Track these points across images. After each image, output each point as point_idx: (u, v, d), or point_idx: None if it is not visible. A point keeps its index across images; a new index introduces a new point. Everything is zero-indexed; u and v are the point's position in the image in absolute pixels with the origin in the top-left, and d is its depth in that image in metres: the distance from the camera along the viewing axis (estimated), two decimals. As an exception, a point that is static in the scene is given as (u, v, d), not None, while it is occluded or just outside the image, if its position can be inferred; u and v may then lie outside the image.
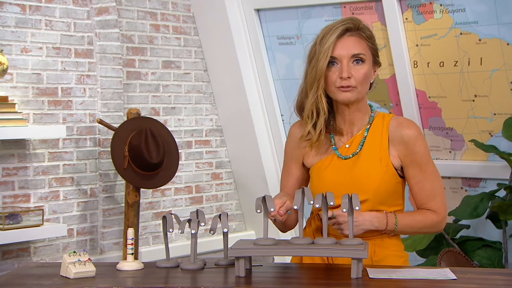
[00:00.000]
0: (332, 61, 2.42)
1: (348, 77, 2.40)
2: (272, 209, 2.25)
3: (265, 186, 4.41)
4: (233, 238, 3.57)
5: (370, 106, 2.53)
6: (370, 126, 2.48)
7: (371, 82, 2.48)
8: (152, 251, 4.03)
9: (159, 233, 4.16)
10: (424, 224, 2.42)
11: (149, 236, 4.12)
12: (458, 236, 3.66)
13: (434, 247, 3.58)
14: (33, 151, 3.64)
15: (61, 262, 2.32)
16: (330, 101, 2.48)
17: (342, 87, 2.41)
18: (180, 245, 4.06)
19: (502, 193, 3.58)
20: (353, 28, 2.44)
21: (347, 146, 2.47)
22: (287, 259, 3.84)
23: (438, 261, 3.32)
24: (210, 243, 4.04)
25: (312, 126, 2.46)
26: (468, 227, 3.69)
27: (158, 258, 3.88)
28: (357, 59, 2.42)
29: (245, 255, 2.22)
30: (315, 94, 2.43)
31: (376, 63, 2.48)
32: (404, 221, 2.41)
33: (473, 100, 3.74)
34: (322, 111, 2.44)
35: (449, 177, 3.89)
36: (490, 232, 3.73)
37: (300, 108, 2.52)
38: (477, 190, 3.81)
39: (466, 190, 3.86)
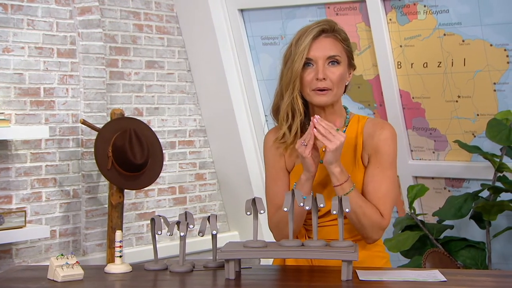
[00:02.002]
0: (307, 63, 2.41)
1: (324, 78, 2.39)
2: (262, 211, 2.24)
3: (248, 186, 4.40)
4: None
5: (345, 108, 2.52)
6: (346, 129, 2.48)
7: (346, 84, 2.47)
8: (135, 252, 4.01)
9: (143, 234, 4.14)
10: (370, 215, 2.36)
11: (133, 237, 4.09)
12: (442, 236, 3.68)
13: (418, 247, 3.59)
14: (15, 151, 3.61)
15: (47, 265, 2.29)
16: (306, 104, 2.47)
17: (318, 89, 2.40)
18: (163, 246, 4.03)
19: (485, 193, 3.60)
20: (329, 29, 2.44)
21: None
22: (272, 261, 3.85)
23: (423, 261, 3.33)
24: (196, 243, 4.01)
25: (288, 128, 2.45)
26: (451, 227, 3.71)
27: (142, 259, 3.88)
28: (333, 60, 2.41)
29: (236, 258, 2.21)
30: (290, 96, 2.41)
31: (351, 65, 2.48)
32: (357, 196, 2.36)
33: (457, 101, 3.76)
34: (298, 113, 2.43)
35: (432, 178, 3.91)
36: (473, 232, 3.75)
37: (276, 111, 2.51)
38: (460, 190, 3.83)
39: (449, 191, 3.88)
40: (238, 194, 4.46)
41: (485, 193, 3.60)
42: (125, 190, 3.82)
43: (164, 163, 4.05)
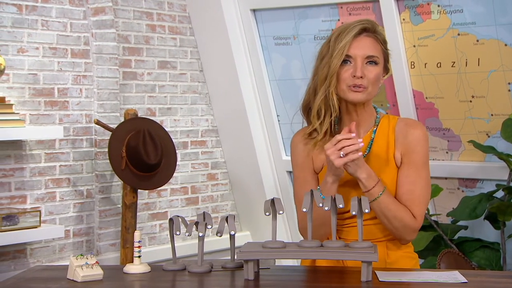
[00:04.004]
0: (346, 60, 2.40)
1: (361, 77, 2.38)
2: (281, 211, 2.24)
3: (260, 186, 4.41)
4: (227, 238, 3.54)
5: (375, 107, 2.52)
6: (376, 128, 2.47)
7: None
8: (148, 252, 4.00)
9: (155, 234, 4.15)
10: (401, 218, 2.36)
11: (145, 237, 4.10)
12: (456, 237, 3.67)
13: (433, 248, 3.59)
14: (30, 152, 3.62)
15: (67, 265, 2.30)
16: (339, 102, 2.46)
17: (354, 86, 2.39)
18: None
19: (499, 193, 3.59)
20: (371, 29, 2.43)
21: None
22: (290, 262, 3.85)
23: (437, 262, 3.33)
24: (210, 243, 4.00)
25: (319, 125, 2.44)
26: (466, 228, 3.70)
27: (155, 259, 3.89)
28: (371, 60, 2.40)
29: (255, 258, 2.21)
30: (325, 91, 2.40)
31: (386, 68, 2.48)
32: (387, 199, 2.35)
33: (470, 101, 3.75)
34: (332, 108, 2.40)
35: (445, 178, 3.90)
36: (487, 232, 3.74)
37: (305, 108, 2.49)
38: (474, 191, 3.82)
39: (462, 191, 3.88)
40: (250, 194, 4.47)
41: (499, 194, 3.59)
42: (138, 190, 3.82)
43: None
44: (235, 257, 2.37)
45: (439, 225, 3.65)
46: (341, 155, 2.31)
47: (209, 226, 2.35)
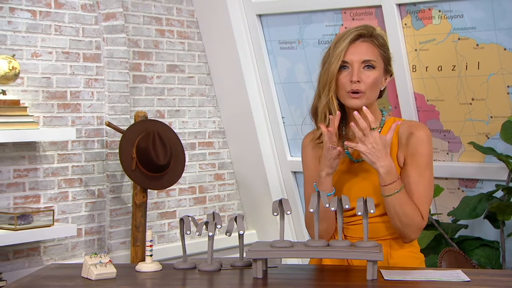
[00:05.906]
0: (343, 65, 2.47)
1: (358, 81, 2.45)
2: (288, 212, 2.31)
3: (266, 186, 4.49)
4: (234, 237, 3.61)
5: (381, 111, 2.58)
6: (381, 130, 2.53)
7: (382, 89, 2.54)
8: (157, 250, 4.06)
9: (164, 233, 4.25)
10: (412, 216, 2.42)
11: (155, 235, 4.18)
12: (456, 235, 3.75)
13: (434, 246, 3.66)
14: (43, 153, 3.71)
15: (81, 263, 2.37)
16: (343, 107, 2.53)
17: (352, 92, 2.46)
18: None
19: (499, 193, 3.66)
20: (366, 34, 2.50)
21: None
22: (295, 260, 3.93)
23: (438, 260, 3.39)
24: (217, 241, 4.09)
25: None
26: (466, 226, 3.77)
27: (163, 257, 3.97)
28: (368, 65, 2.47)
29: (264, 257, 2.28)
30: (327, 97, 2.48)
31: (387, 71, 2.54)
32: (402, 196, 2.41)
33: (471, 104, 3.82)
34: (334, 113, 2.48)
35: (446, 178, 3.97)
36: (486, 231, 3.81)
37: (314, 113, 2.56)
38: (474, 190, 3.89)
39: (463, 191, 3.94)
40: (256, 193, 4.55)
41: (499, 194, 3.66)
42: (148, 190, 3.91)
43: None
44: (244, 256, 2.44)
45: (440, 224, 3.72)
46: (333, 147, 2.42)
47: (218, 226, 2.41)
